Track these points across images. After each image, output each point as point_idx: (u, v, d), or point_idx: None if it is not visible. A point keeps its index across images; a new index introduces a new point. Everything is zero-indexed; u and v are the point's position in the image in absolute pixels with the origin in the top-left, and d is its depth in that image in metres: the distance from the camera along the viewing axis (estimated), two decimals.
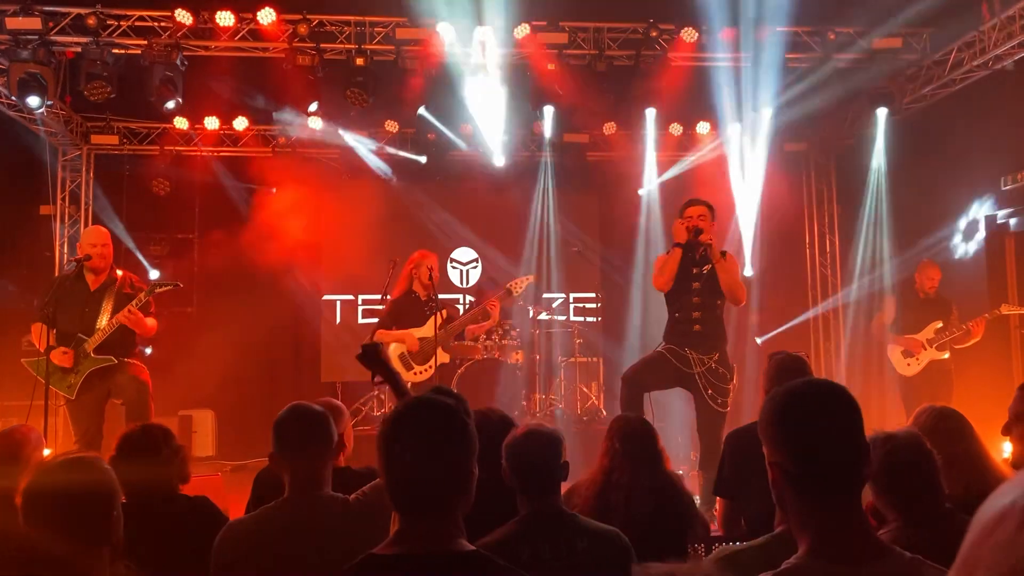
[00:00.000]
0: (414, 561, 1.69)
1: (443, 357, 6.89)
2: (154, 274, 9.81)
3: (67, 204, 9.70)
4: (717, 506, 3.94)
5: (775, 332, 9.92)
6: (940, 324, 7.14)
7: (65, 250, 9.50)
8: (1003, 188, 8.00)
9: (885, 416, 7.56)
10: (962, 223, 8.33)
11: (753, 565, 1.78)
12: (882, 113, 8.46)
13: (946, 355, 7.14)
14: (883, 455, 2.41)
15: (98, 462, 2.30)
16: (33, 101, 7.53)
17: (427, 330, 6.84)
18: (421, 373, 6.86)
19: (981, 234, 8.28)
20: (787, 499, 1.66)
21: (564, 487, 2.78)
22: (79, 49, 7.67)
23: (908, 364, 7.27)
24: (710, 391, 5.59)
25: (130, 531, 2.24)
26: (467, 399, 1.93)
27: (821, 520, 1.62)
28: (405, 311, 6.97)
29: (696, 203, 5.89)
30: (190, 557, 2.69)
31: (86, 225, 9.46)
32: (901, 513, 2.42)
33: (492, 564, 1.77)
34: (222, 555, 2.53)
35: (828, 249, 10.62)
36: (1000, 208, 7.92)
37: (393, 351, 6.77)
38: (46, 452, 3.88)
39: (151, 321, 5.91)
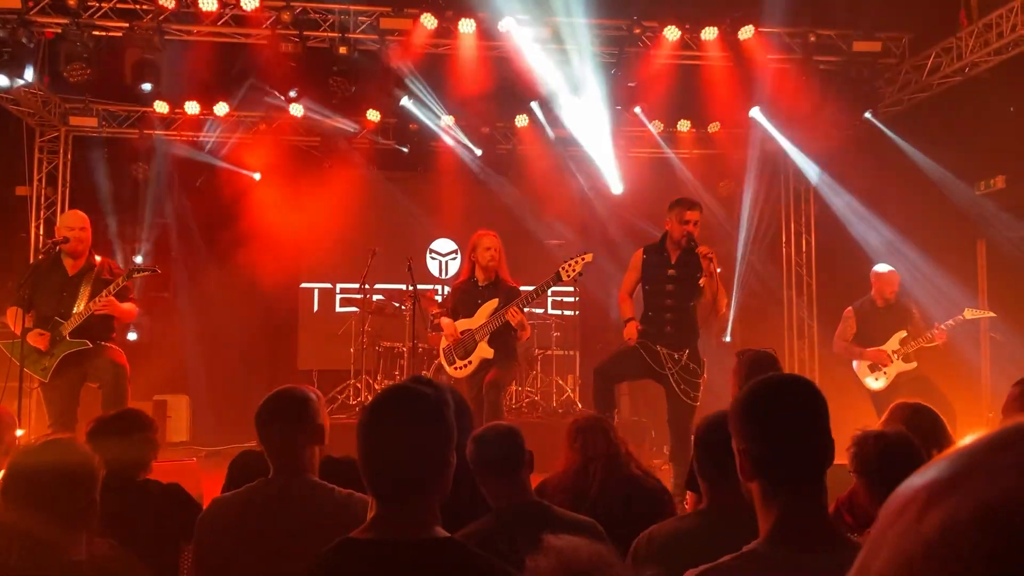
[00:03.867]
0: (390, 546, 1.72)
1: (486, 352, 6.11)
2: (136, 260, 9.75)
3: (44, 186, 9.60)
4: (688, 500, 3.99)
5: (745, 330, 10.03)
6: (904, 333, 6.78)
7: (41, 232, 9.42)
8: (977, 193, 8.10)
9: (861, 418, 7.38)
10: (935, 226, 8.40)
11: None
12: (868, 114, 8.52)
13: (914, 364, 6.75)
14: (876, 453, 2.47)
15: (80, 444, 2.32)
16: (2, 80, 7.45)
17: (476, 320, 6.18)
18: (461, 368, 6.21)
19: (952, 239, 8.37)
20: (752, 486, 1.73)
21: (534, 480, 2.82)
22: (59, 30, 7.60)
23: (876, 378, 6.87)
24: (682, 386, 5.66)
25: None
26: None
27: (781, 507, 1.67)
28: (462, 299, 6.34)
29: (693, 206, 5.68)
30: (159, 543, 2.70)
31: (63, 207, 9.39)
32: None
33: (467, 551, 1.80)
34: (204, 529, 2.54)
35: (804, 248, 10.71)
36: (972, 213, 8.00)
37: (442, 343, 6.35)
38: (19, 432, 3.88)
39: (128, 306, 5.88)
